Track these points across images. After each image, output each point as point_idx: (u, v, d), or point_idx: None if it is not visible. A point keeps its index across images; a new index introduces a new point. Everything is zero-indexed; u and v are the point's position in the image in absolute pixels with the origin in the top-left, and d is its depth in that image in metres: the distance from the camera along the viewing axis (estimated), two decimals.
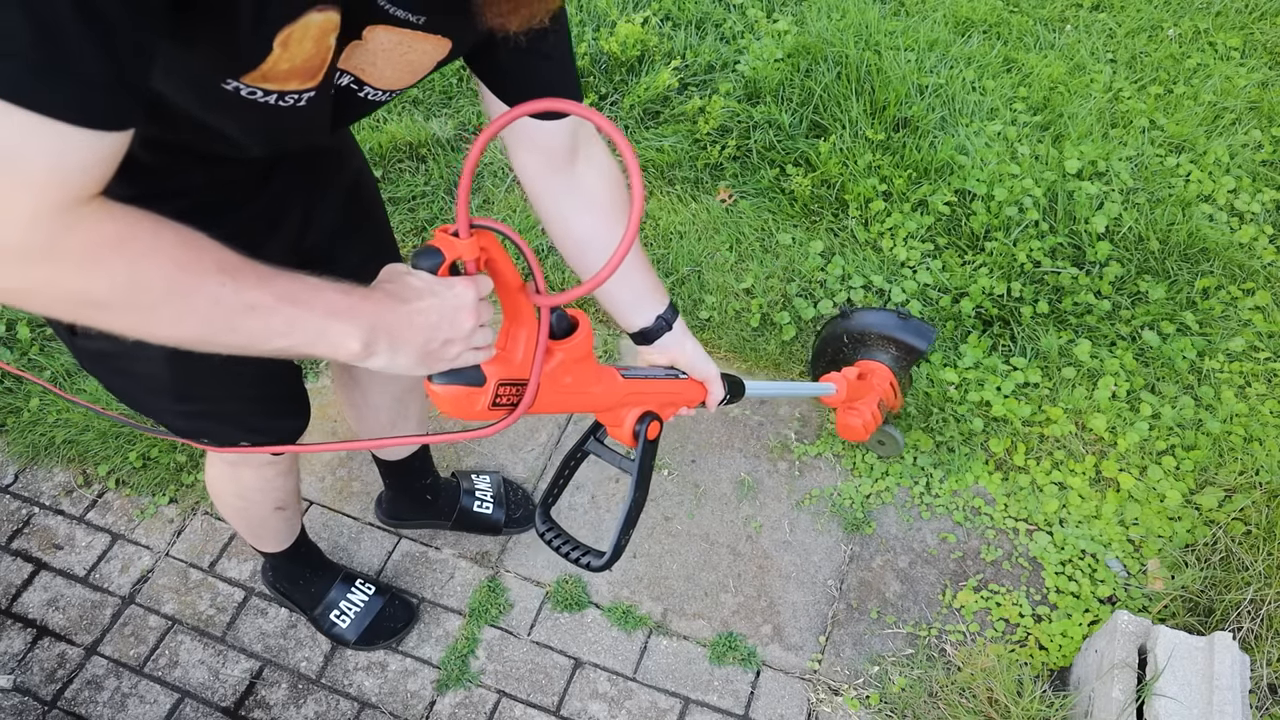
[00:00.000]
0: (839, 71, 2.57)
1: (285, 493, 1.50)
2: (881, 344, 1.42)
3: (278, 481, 1.45)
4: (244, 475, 1.42)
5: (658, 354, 1.16)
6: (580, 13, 2.78)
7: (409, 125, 2.60)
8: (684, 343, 1.16)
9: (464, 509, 1.88)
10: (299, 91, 0.75)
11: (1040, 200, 2.29)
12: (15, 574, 1.91)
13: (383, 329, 0.74)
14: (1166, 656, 1.44)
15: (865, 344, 1.41)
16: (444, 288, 0.79)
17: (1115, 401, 2.04)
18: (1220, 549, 1.76)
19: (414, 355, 0.78)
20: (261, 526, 1.57)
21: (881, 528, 1.92)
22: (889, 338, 1.42)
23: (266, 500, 1.48)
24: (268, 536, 1.61)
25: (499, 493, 1.91)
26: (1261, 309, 2.20)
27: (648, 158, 2.54)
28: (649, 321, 1.13)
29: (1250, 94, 2.65)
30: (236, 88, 0.71)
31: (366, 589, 1.79)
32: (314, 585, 1.77)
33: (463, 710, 1.71)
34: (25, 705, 1.73)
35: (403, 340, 0.76)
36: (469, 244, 0.80)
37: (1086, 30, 2.89)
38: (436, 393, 0.84)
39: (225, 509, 1.52)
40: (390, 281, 0.78)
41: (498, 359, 0.85)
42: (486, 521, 1.89)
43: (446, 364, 0.81)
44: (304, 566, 1.75)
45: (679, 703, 1.71)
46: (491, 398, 0.85)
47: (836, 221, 2.38)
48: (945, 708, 1.63)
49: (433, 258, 0.79)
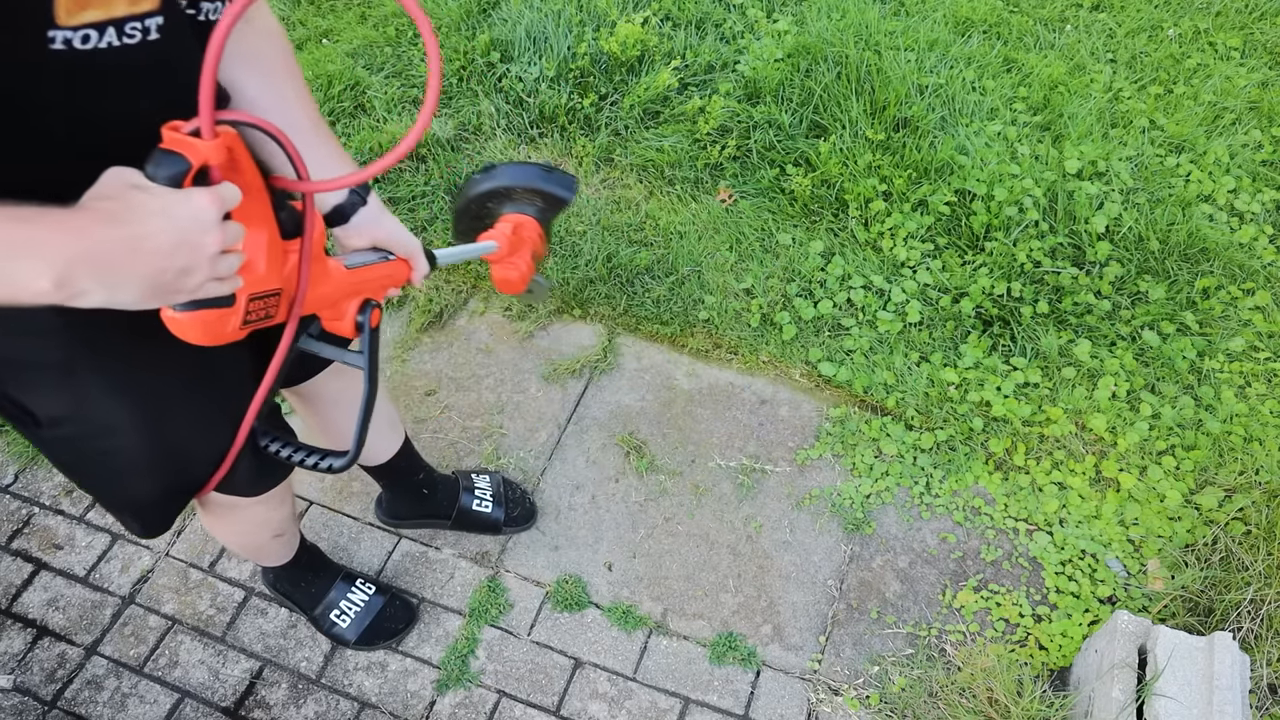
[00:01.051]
0: (839, 71, 2.57)
1: (281, 521, 1.47)
2: (527, 197, 1.42)
3: (273, 515, 1.42)
4: (238, 516, 1.38)
5: (356, 235, 1.07)
6: (580, 13, 2.78)
7: (409, 125, 2.60)
8: (381, 219, 1.07)
9: (463, 508, 1.87)
10: (139, 17, 0.65)
11: (1040, 200, 2.29)
12: (15, 574, 1.91)
13: (87, 261, 0.61)
14: (1166, 656, 1.44)
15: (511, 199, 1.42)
16: (179, 203, 0.65)
17: (1115, 401, 2.04)
18: (1220, 549, 1.76)
19: (139, 290, 0.65)
20: (260, 552, 1.57)
21: (881, 528, 1.92)
22: (535, 190, 1.42)
23: (264, 531, 1.47)
24: (269, 557, 1.61)
25: (499, 492, 1.91)
26: (1261, 309, 2.20)
27: (648, 158, 2.54)
28: (343, 197, 1.04)
29: (1250, 94, 2.65)
30: (67, 39, 0.62)
31: (367, 589, 1.78)
32: (314, 586, 1.77)
33: (463, 710, 1.71)
34: (25, 705, 1.73)
35: (122, 273, 0.63)
36: (215, 146, 0.67)
37: (1086, 30, 2.89)
38: (176, 320, 0.73)
39: (224, 541, 1.52)
40: (107, 199, 0.64)
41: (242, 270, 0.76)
42: (486, 520, 1.89)
43: (186, 296, 0.70)
44: (304, 570, 1.75)
45: (679, 703, 1.71)
46: (242, 316, 0.77)
47: (836, 221, 2.38)
48: (945, 708, 1.63)
49: (174, 166, 0.65)
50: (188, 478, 1.14)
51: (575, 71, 2.67)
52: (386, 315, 2.32)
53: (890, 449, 2.01)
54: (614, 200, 2.49)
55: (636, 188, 2.52)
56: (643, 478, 2.01)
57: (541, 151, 2.61)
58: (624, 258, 2.34)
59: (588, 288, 2.30)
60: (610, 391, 2.15)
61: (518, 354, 2.23)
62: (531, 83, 2.66)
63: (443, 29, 2.87)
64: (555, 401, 2.14)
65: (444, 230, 2.43)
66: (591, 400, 2.14)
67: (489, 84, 2.72)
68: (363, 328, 1.01)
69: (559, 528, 1.94)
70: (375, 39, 2.88)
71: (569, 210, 1.81)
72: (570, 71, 2.67)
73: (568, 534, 1.93)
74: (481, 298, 2.35)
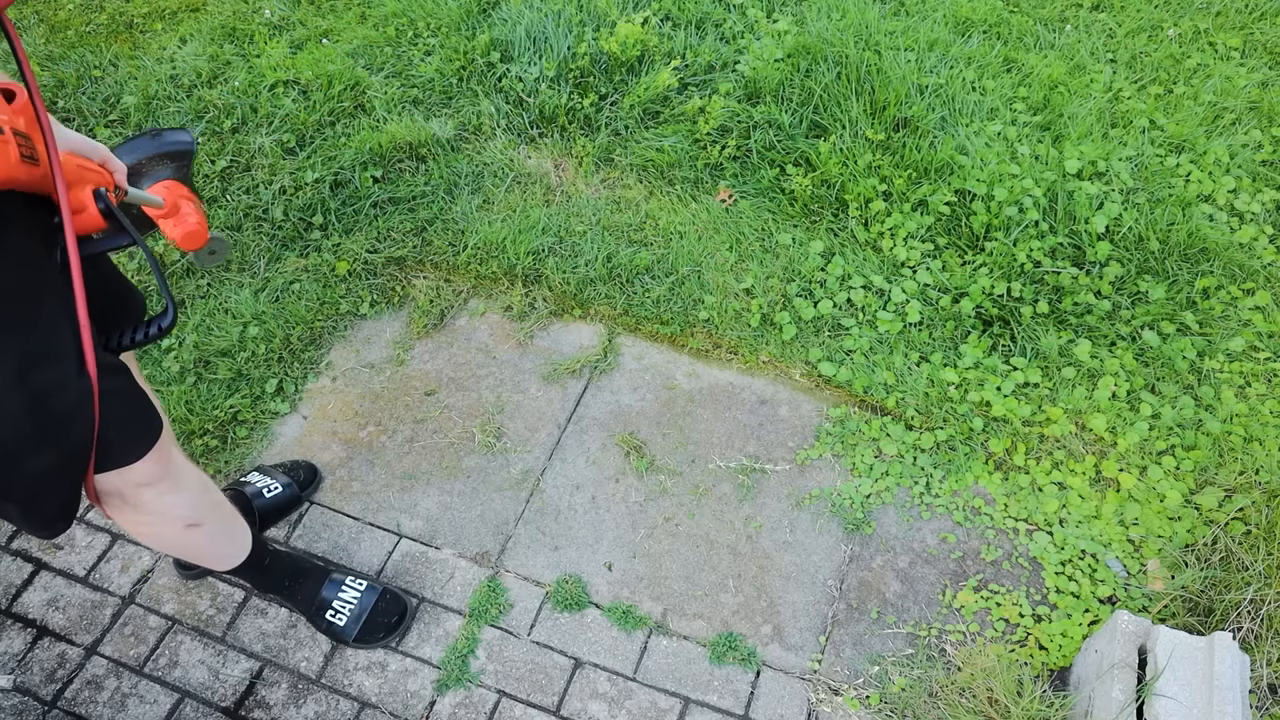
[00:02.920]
0: (839, 71, 2.57)
1: (188, 508, 1.42)
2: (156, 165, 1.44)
3: (171, 501, 1.38)
4: (141, 508, 1.35)
5: None
6: (580, 13, 2.78)
7: (409, 125, 2.60)
8: (61, 129, 1.11)
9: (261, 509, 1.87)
10: None
11: (1040, 200, 2.29)
12: (15, 574, 1.91)
13: None
14: (1166, 656, 1.44)
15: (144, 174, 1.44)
16: None
17: (1115, 401, 2.04)
18: (1220, 549, 1.76)
19: None
20: (186, 550, 1.54)
21: (881, 528, 1.92)
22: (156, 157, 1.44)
23: (172, 523, 1.42)
24: (207, 556, 1.57)
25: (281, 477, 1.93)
26: (1261, 309, 2.20)
27: (648, 158, 2.54)
28: None
29: (1250, 94, 2.65)
30: None
31: (358, 584, 1.79)
32: (303, 589, 1.76)
33: (463, 710, 1.71)
34: (25, 705, 1.73)
35: None
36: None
37: (1086, 30, 2.89)
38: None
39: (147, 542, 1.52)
40: None
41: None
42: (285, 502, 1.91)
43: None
44: (281, 576, 1.74)
45: (679, 703, 1.71)
46: (16, 147, 0.88)
47: (836, 221, 2.38)
48: (945, 708, 1.63)
49: None
50: (69, 437, 1.13)
51: (575, 71, 2.67)
52: (387, 315, 2.32)
53: (890, 449, 2.01)
54: (614, 200, 2.50)
55: (636, 188, 2.52)
56: (643, 478, 2.01)
57: (542, 151, 2.61)
58: (624, 258, 2.34)
59: (588, 288, 2.30)
60: (610, 391, 2.15)
61: (518, 354, 2.23)
62: (531, 83, 2.66)
63: (443, 29, 2.87)
64: (555, 401, 2.14)
65: (444, 230, 2.43)
66: (591, 400, 2.14)
67: (489, 84, 2.72)
68: (109, 210, 1.12)
69: (559, 528, 1.94)
70: (375, 39, 2.88)
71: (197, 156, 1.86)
72: (570, 71, 2.67)
73: (568, 534, 1.93)
74: (482, 298, 2.35)
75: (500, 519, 1.95)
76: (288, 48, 2.88)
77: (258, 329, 2.23)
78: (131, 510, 1.35)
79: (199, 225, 1.46)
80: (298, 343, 2.24)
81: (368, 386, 2.18)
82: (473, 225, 2.43)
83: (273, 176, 2.51)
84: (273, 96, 2.68)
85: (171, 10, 3.14)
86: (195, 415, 2.08)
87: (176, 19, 3.10)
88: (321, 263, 2.37)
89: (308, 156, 2.56)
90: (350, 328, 2.30)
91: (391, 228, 2.44)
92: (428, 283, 2.36)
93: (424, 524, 1.95)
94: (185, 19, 3.08)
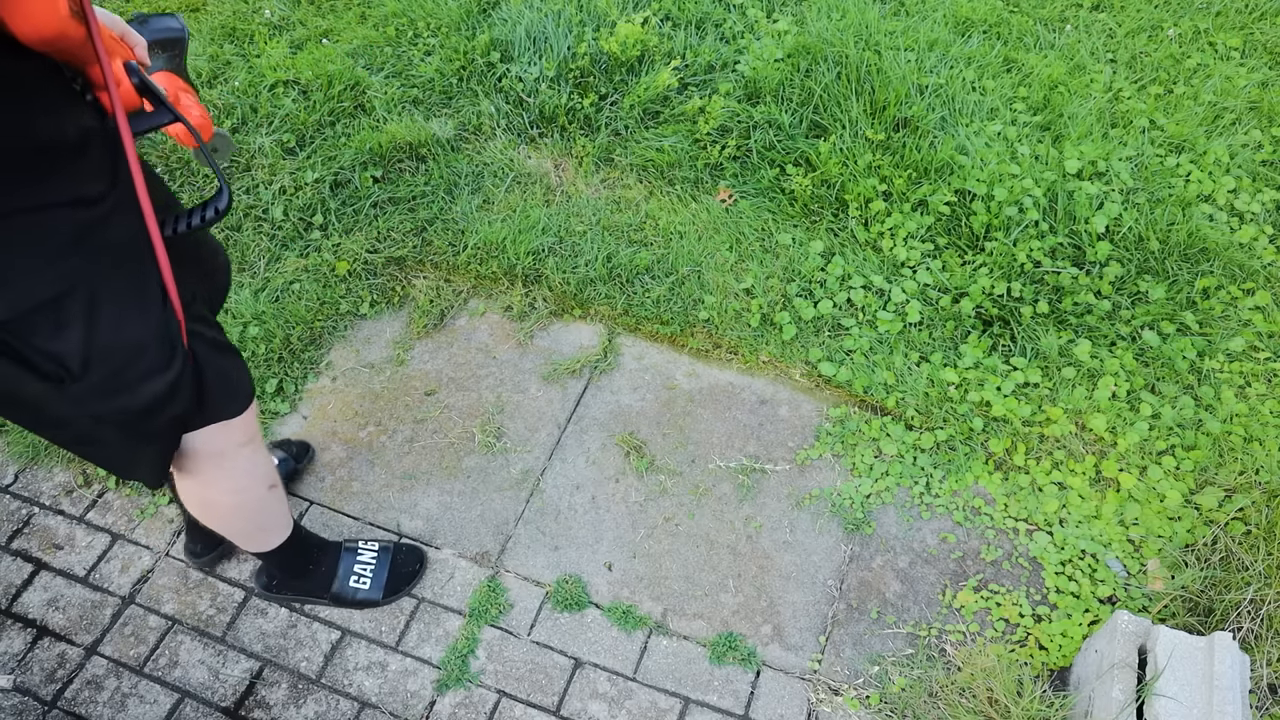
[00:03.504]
0: (839, 71, 2.57)
1: (268, 467, 1.48)
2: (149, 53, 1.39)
3: (259, 460, 1.43)
4: (229, 469, 1.38)
5: None
6: (580, 13, 2.78)
7: (409, 125, 2.60)
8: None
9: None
10: None
11: (1040, 200, 2.29)
12: (15, 574, 1.91)
13: None
14: (1166, 656, 1.44)
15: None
16: None
17: (1115, 401, 2.04)
18: (1220, 549, 1.76)
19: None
20: (262, 514, 1.55)
21: (881, 528, 1.92)
22: (149, 45, 1.39)
23: (259, 482, 1.47)
24: (272, 525, 1.60)
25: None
26: (1261, 309, 2.20)
27: (648, 158, 2.54)
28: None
29: (1250, 94, 2.65)
30: None
31: (371, 547, 1.83)
32: (323, 565, 1.79)
33: (463, 710, 1.71)
34: (25, 705, 1.73)
35: None
36: None
37: (1086, 30, 2.89)
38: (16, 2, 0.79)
39: (221, 513, 1.49)
40: None
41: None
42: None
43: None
44: (309, 548, 1.77)
45: (679, 703, 1.71)
46: (67, 1, 0.83)
47: (836, 221, 2.38)
48: (945, 708, 1.63)
49: None
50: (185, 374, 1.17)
51: (575, 71, 2.67)
52: (387, 315, 2.32)
53: (890, 449, 2.01)
54: (614, 200, 2.49)
55: (636, 188, 2.52)
56: (643, 478, 2.01)
57: (542, 151, 2.61)
58: (624, 258, 2.34)
59: (588, 288, 2.30)
60: (610, 391, 2.15)
61: (518, 354, 2.23)
62: (531, 83, 2.66)
63: (443, 29, 2.87)
64: (555, 401, 2.14)
65: (444, 230, 2.43)
66: (591, 400, 2.14)
67: (489, 84, 2.72)
68: (144, 83, 1.06)
69: (559, 528, 1.94)
70: (375, 39, 2.88)
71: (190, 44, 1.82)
72: (570, 71, 2.67)
73: (568, 534, 1.93)
74: (482, 298, 2.35)
75: (500, 519, 1.95)
76: (288, 48, 2.88)
77: (258, 329, 2.23)
78: (219, 475, 1.38)
79: (203, 118, 1.42)
80: (297, 343, 2.24)
81: (368, 386, 2.18)
82: (473, 225, 2.43)
83: (273, 176, 2.51)
84: (273, 96, 2.68)
85: (171, 10, 3.14)
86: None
87: None
88: (321, 263, 2.37)
89: (308, 156, 2.56)
90: (350, 328, 2.30)
91: (391, 228, 2.44)
92: (428, 283, 2.36)
93: (424, 524, 1.95)
94: (185, 19, 3.08)
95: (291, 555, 1.71)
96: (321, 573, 1.79)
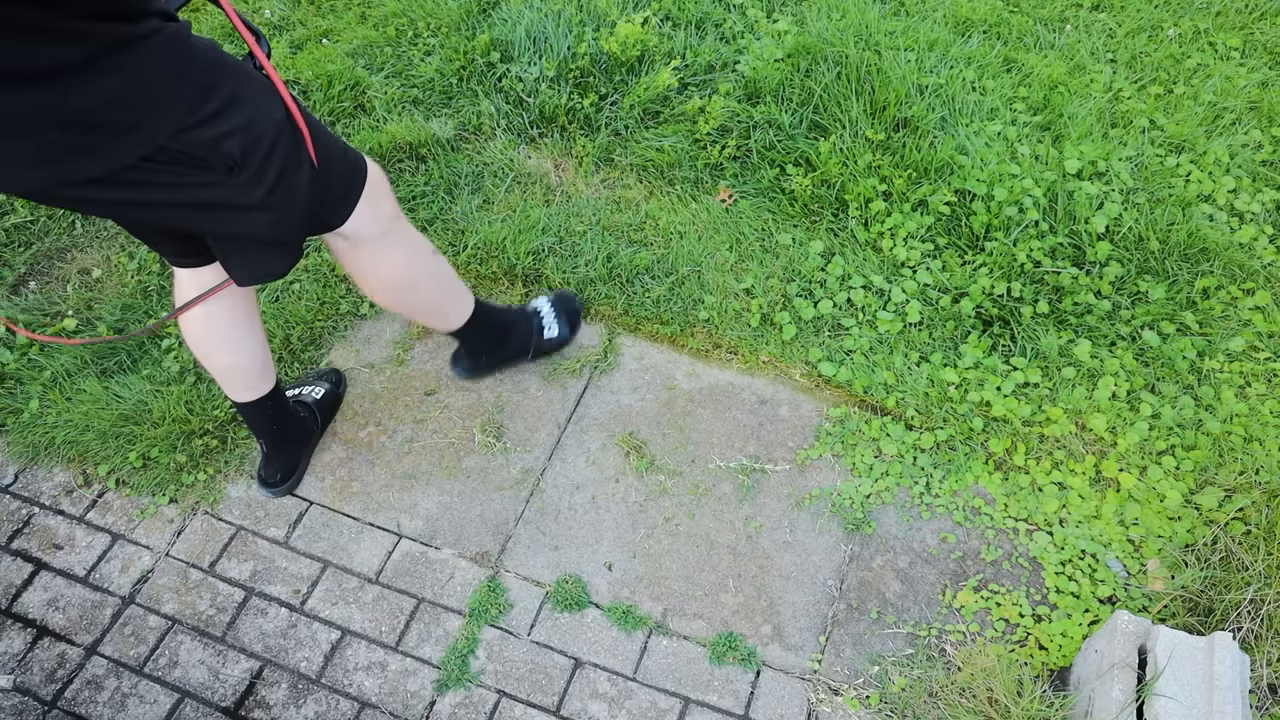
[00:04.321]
0: (839, 71, 2.57)
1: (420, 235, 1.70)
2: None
3: (411, 227, 1.66)
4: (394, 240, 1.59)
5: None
6: (580, 13, 2.78)
7: (409, 125, 2.60)
8: None
9: (319, 406, 2.07)
10: None
11: (1040, 200, 2.29)
12: (15, 574, 1.91)
13: None
14: (1166, 656, 1.44)
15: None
16: None
17: (1115, 401, 2.04)
18: (1220, 549, 1.76)
19: None
20: (445, 278, 1.76)
21: (881, 528, 1.92)
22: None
23: (423, 247, 1.67)
24: (457, 291, 1.82)
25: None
26: (1261, 309, 2.20)
27: (648, 158, 2.54)
28: None
29: (1250, 94, 2.65)
30: None
31: (540, 301, 2.13)
32: (517, 326, 2.05)
33: (463, 710, 1.71)
34: (25, 705, 1.73)
35: None
36: None
37: (1086, 30, 2.89)
38: None
39: (413, 286, 1.68)
40: None
41: None
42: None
43: None
44: (499, 316, 2.02)
45: (679, 703, 1.71)
46: None
47: (836, 221, 2.38)
48: (945, 708, 1.63)
49: None
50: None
51: (575, 71, 2.67)
52: (387, 315, 2.32)
53: (890, 449, 2.01)
54: (614, 200, 2.50)
55: (636, 188, 2.52)
56: (643, 478, 2.01)
57: (542, 151, 2.61)
58: (624, 258, 2.34)
59: (588, 288, 2.30)
60: (610, 391, 2.15)
61: None
62: (531, 83, 2.66)
63: (443, 29, 2.87)
64: (555, 401, 2.14)
65: (444, 230, 2.43)
66: (591, 400, 2.14)
67: (489, 84, 2.72)
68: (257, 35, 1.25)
69: (559, 528, 1.94)
70: (375, 39, 2.88)
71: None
72: (570, 71, 2.67)
73: (568, 534, 1.93)
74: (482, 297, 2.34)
75: (500, 519, 1.95)
76: (288, 48, 2.88)
77: None
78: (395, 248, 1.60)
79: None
80: (298, 343, 2.24)
81: (367, 386, 2.18)
82: (473, 225, 2.43)
83: None
84: None
85: None
86: (195, 415, 2.08)
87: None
88: (321, 263, 2.37)
89: None
90: (350, 328, 2.30)
91: None
92: None
93: (424, 524, 1.95)
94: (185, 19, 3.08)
95: (488, 326, 1.94)
96: (517, 332, 2.05)
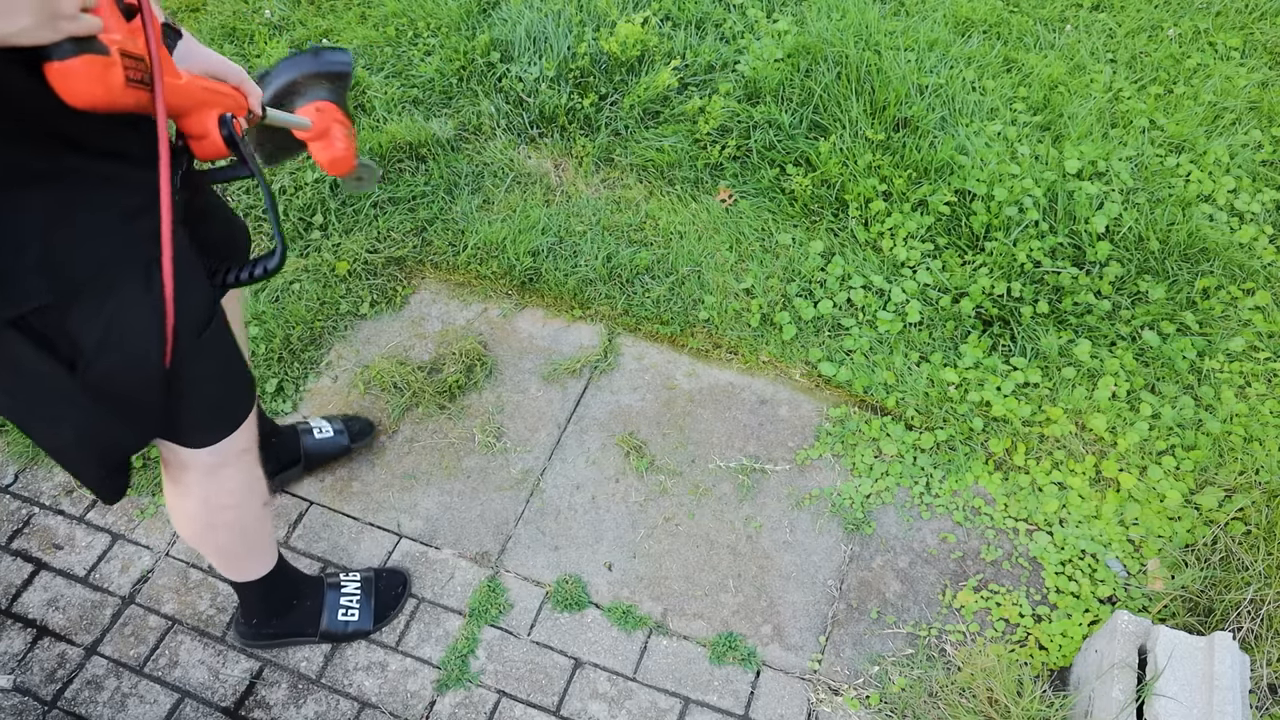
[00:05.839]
0: (839, 71, 2.57)
1: (263, 483, 1.45)
2: (312, 84, 1.43)
3: (256, 474, 1.41)
4: (224, 479, 1.36)
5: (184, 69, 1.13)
6: (580, 13, 2.78)
7: (409, 125, 2.60)
8: (202, 50, 1.13)
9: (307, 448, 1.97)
10: None
11: (1040, 200, 2.29)
12: (15, 574, 1.91)
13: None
14: (1166, 656, 1.44)
15: (299, 92, 1.43)
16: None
17: (1115, 401, 2.04)
18: (1220, 549, 1.76)
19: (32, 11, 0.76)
20: (256, 534, 1.51)
21: (881, 528, 1.92)
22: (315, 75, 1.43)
23: (254, 498, 1.44)
24: (261, 546, 1.56)
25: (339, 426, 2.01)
26: (1261, 309, 2.20)
27: (648, 158, 2.54)
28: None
29: (1250, 94, 2.65)
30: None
31: (353, 578, 1.80)
32: (309, 599, 1.74)
33: (463, 710, 1.71)
34: (25, 705, 1.73)
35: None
36: None
37: (1086, 30, 2.89)
38: (66, 70, 0.82)
39: (216, 533, 1.45)
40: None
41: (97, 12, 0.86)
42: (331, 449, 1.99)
43: (66, 21, 0.80)
44: (294, 581, 1.72)
45: (679, 703, 1.71)
46: (123, 70, 0.86)
47: (836, 221, 2.38)
48: (945, 708, 1.63)
49: None
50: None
51: (575, 71, 2.67)
52: (387, 315, 2.32)
53: (890, 449, 2.01)
54: (614, 200, 2.50)
55: (636, 188, 2.52)
56: (643, 478, 2.01)
57: (542, 151, 2.61)
58: (624, 258, 2.34)
59: (588, 288, 2.30)
60: (610, 391, 2.15)
61: (517, 354, 2.23)
62: (531, 83, 2.66)
63: (443, 29, 2.87)
64: (555, 401, 2.14)
65: (444, 230, 2.44)
66: (591, 400, 2.14)
67: (489, 84, 2.72)
68: (231, 137, 1.09)
69: (559, 528, 1.94)
70: (375, 39, 2.88)
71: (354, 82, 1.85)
72: (570, 71, 2.67)
73: (568, 534, 1.93)
74: (482, 299, 2.35)
75: (500, 519, 1.95)
76: (288, 48, 2.88)
77: (258, 329, 2.23)
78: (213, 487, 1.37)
79: (346, 150, 1.46)
80: (298, 343, 2.24)
81: None
82: (473, 225, 2.43)
83: (273, 176, 2.51)
84: None
85: (171, 10, 3.14)
86: None
87: (176, 19, 3.10)
88: (321, 263, 2.37)
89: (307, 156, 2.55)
90: (350, 328, 2.30)
91: (391, 228, 2.44)
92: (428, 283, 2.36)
93: (424, 524, 1.95)
94: (185, 19, 3.08)
95: (275, 589, 1.66)
96: (307, 608, 1.74)
